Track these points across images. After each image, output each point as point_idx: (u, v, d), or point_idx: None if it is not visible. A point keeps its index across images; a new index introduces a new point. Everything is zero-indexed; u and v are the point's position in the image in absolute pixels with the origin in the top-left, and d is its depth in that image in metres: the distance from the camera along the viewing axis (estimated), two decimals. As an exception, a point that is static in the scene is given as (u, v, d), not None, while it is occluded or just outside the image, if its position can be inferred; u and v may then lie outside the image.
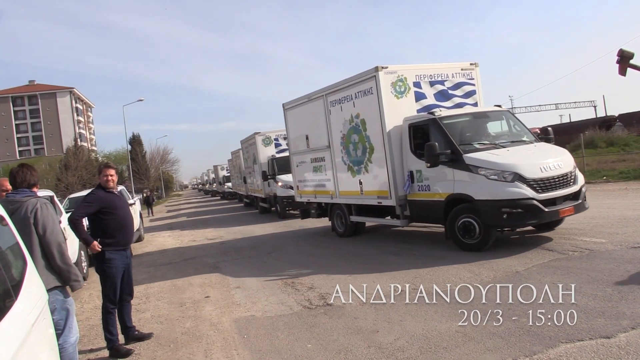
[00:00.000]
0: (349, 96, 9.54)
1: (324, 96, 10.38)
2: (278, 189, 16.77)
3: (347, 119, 9.67)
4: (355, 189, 9.72)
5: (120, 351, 4.87)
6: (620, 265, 5.59)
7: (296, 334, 4.82)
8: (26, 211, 3.67)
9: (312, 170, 11.35)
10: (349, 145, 9.74)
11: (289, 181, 15.45)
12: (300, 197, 12.30)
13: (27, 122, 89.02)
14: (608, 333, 3.81)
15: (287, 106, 12.20)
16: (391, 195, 8.71)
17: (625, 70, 11.82)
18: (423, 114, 8.42)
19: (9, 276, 2.52)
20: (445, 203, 7.70)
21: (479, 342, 4.00)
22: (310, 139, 11.27)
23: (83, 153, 51.00)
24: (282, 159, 17.09)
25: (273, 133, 18.73)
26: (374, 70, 8.64)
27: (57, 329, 3.66)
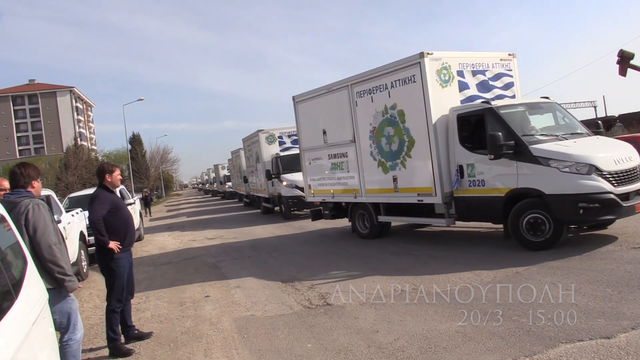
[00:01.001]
0: (383, 85, 8.80)
1: (349, 87, 9.61)
2: (283, 188, 16.13)
3: (379, 110, 8.94)
4: (387, 187, 9.01)
5: (121, 350, 4.88)
6: (621, 266, 5.59)
7: (296, 333, 4.82)
8: (19, 212, 3.65)
9: (330, 167, 10.56)
10: (381, 139, 8.99)
11: (295, 180, 15.15)
12: (312, 197, 11.49)
13: (27, 121, 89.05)
14: (608, 333, 3.81)
15: (299, 99, 11.43)
16: (436, 192, 8.03)
17: (625, 71, 11.85)
18: (476, 104, 7.92)
19: (9, 275, 2.52)
20: (506, 199, 7.10)
21: (479, 342, 4.00)
22: (329, 134, 10.50)
23: (83, 152, 51.02)
24: (286, 157, 16.71)
25: (277, 131, 18.19)
26: (419, 57, 7.96)
27: (61, 327, 3.70)
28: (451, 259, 7.09)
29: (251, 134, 20.16)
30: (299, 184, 14.65)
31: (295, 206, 15.83)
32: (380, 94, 8.96)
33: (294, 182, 15.35)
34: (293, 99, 11.61)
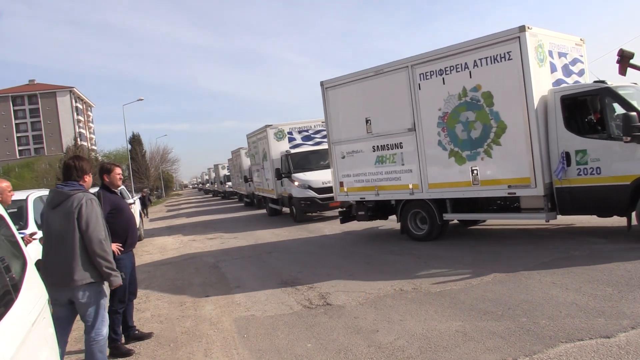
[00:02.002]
0: (461, 65, 7.84)
1: (409, 67, 8.57)
2: (294, 189, 14.78)
3: (454, 93, 7.96)
4: (461, 179, 8.04)
5: (121, 350, 4.87)
6: (621, 265, 5.59)
7: (296, 333, 4.82)
8: (71, 205, 3.73)
9: (376, 160, 9.41)
10: (456, 126, 7.99)
11: (308, 180, 14.40)
12: (345, 196, 10.22)
13: (27, 122, 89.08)
14: (608, 333, 3.81)
15: (330, 85, 10.18)
16: (535, 183, 7.17)
17: (625, 70, 11.82)
18: (586, 84, 7.43)
19: (9, 276, 2.52)
20: (634, 188, 6.46)
21: (479, 341, 4.00)
22: (375, 123, 9.34)
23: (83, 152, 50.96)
24: (298, 155, 15.63)
25: (286, 126, 16.77)
26: (518, 31, 7.15)
27: (87, 322, 3.83)
28: (451, 259, 7.09)
29: (257, 130, 18.56)
30: (312, 184, 14.22)
31: (308, 209, 14.69)
32: (456, 75, 7.97)
33: (306, 182, 14.41)
34: (322, 85, 10.33)
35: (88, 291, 3.78)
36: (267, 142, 16.89)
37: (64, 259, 3.72)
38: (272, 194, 17.43)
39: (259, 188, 20.33)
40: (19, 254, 2.89)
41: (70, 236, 3.71)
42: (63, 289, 3.75)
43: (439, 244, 8.45)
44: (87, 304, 3.79)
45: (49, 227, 3.87)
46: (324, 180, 13.82)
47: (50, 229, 3.86)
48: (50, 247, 3.85)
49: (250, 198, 24.63)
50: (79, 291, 3.75)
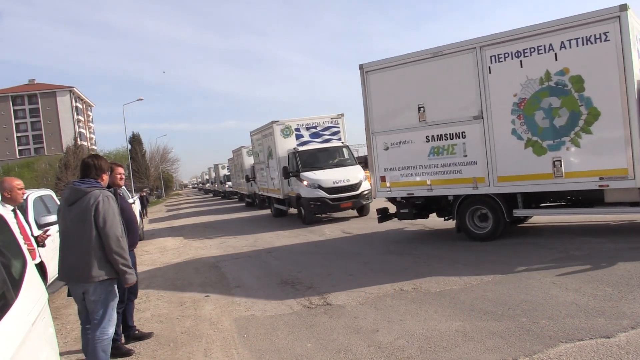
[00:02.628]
0: (545, 46, 7.22)
1: (477, 49, 7.84)
2: (303, 188, 13.95)
3: (534, 77, 7.32)
4: (541, 171, 7.37)
5: (121, 350, 4.87)
6: (621, 265, 5.59)
7: (296, 333, 4.82)
8: (88, 202, 3.78)
9: (429, 152, 8.56)
10: (535, 113, 7.35)
11: (317, 179, 13.68)
12: (388, 192, 9.25)
13: (27, 121, 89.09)
14: (608, 333, 3.81)
15: (372, 68, 9.21)
16: (634, 174, 6.64)
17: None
18: None
19: (9, 275, 2.52)
20: None
21: (479, 341, 4.00)
22: (430, 110, 8.50)
23: (83, 152, 51.01)
24: (306, 153, 14.82)
25: (294, 122, 15.84)
26: (618, 10, 6.59)
27: (95, 319, 3.86)
28: (451, 259, 7.09)
29: (263, 126, 17.55)
30: (322, 183, 13.55)
31: (318, 210, 13.86)
32: (537, 57, 7.31)
33: (316, 182, 13.61)
34: (361, 69, 9.32)
35: (99, 289, 3.82)
36: (274, 139, 15.90)
37: (80, 255, 3.78)
38: (277, 194, 16.52)
39: (263, 188, 19.37)
40: (19, 254, 2.89)
41: (87, 233, 3.76)
42: (79, 284, 3.84)
43: (438, 244, 8.44)
44: (97, 301, 3.84)
45: (65, 223, 3.93)
46: (335, 179, 13.53)
47: (67, 226, 3.91)
48: (66, 243, 3.91)
49: (252, 198, 24.21)
50: (90, 287, 3.82)
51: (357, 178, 13.72)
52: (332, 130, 15.96)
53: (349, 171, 14.12)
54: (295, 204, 14.94)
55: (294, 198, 14.84)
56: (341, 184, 13.46)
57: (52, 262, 6.70)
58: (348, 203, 13.55)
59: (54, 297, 7.57)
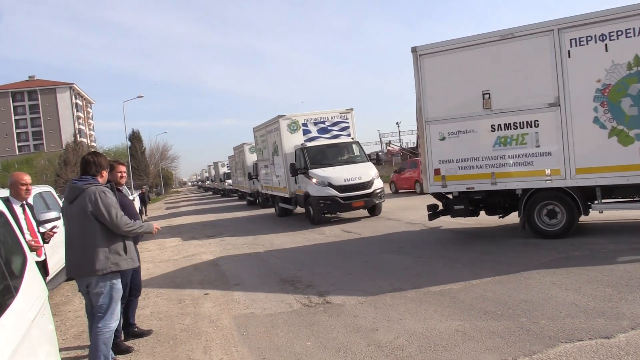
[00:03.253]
0: (634, 29, 6.82)
1: (555, 31, 7.34)
2: (311, 186, 13.13)
3: (620, 62, 6.91)
4: (627, 162, 6.93)
5: (121, 347, 4.86)
6: (620, 266, 5.59)
7: (295, 331, 4.82)
8: (85, 199, 3.91)
9: (495, 142, 7.93)
10: (622, 100, 6.92)
11: (327, 177, 12.86)
12: (442, 187, 8.55)
13: (27, 118, 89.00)
14: (608, 333, 3.81)
15: (427, 51, 8.53)
16: None
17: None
18: None
19: (9, 272, 2.51)
20: None
21: (479, 341, 4.00)
22: (496, 97, 7.89)
23: (82, 149, 50.97)
24: (315, 149, 14.01)
25: (301, 117, 15.00)
26: None
27: (99, 312, 3.99)
28: (451, 258, 7.09)
29: (267, 121, 16.63)
30: (332, 181, 12.76)
31: (328, 209, 13.09)
32: (625, 41, 6.89)
33: (326, 179, 12.81)
34: (414, 52, 8.64)
35: (102, 282, 3.96)
36: (279, 135, 15.00)
37: (83, 250, 3.93)
38: (283, 192, 15.69)
39: (267, 186, 18.38)
40: (20, 251, 2.88)
41: (89, 228, 3.91)
42: (84, 278, 3.99)
43: (438, 244, 8.45)
44: (100, 294, 3.96)
45: (68, 220, 4.06)
46: (347, 176, 12.81)
47: (70, 223, 4.05)
48: (71, 239, 4.04)
49: (254, 196, 23.64)
50: (93, 280, 3.96)
51: (369, 175, 13.03)
52: (341, 125, 15.14)
53: (361, 168, 13.36)
54: (303, 203, 14.06)
55: (302, 197, 14.05)
56: (353, 182, 12.73)
57: (52, 259, 6.70)
58: (360, 202, 12.82)
59: (54, 294, 7.56)
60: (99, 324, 3.96)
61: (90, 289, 3.99)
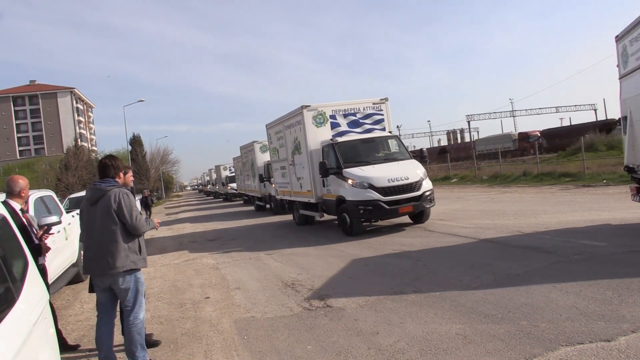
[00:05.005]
0: None
1: None
2: (347, 189, 10.77)
3: None
4: None
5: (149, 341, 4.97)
6: (621, 269, 5.59)
7: (296, 335, 4.82)
8: (109, 200, 4.16)
9: None
10: None
11: (367, 177, 10.57)
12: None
13: (28, 122, 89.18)
14: (608, 336, 3.81)
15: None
16: None
17: (626, 74, 11.80)
18: None
19: (11, 275, 2.52)
20: None
21: (479, 344, 4.00)
22: None
23: (83, 153, 51.00)
24: (348, 145, 11.69)
25: (328, 107, 12.57)
26: None
27: (127, 307, 4.24)
28: (451, 262, 7.09)
29: (286, 115, 14.15)
30: (374, 182, 10.45)
31: (369, 216, 10.63)
32: None
33: (365, 180, 10.53)
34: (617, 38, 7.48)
35: (127, 277, 4.20)
36: (303, 129, 12.48)
37: (107, 249, 4.13)
38: (307, 197, 13.08)
39: (283, 190, 15.53)
40: (21, 254, 2.89)
41: (112, 228, 4.14)
42: (105, 276, 4.17)
43: (438, 247, 8.44)
44: (127, 289, 4.21)
45: (89, 221, 4.25)
46: (390, 176, 10.55)
47: (91, 224, 4.24)
48: (92, 239, 4.25)
49: (264, 201, 21.57)
50: (119, 277, 4.17)
51: (416, 175, 10.85)
52: (374, 118, 12.75)
53: (406, 167, 11.16)
54: (335, 209, 11.59)
55: (332, 202, 11.60)
56: (398, 183, 10.48)
57: (51, 264, 6.70)
58: (408, 207, 10.55)
59: (54, 298, 7.56)
60: (130, 317, 4.21)
61: (116, 286, 4.19)
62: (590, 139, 25.72)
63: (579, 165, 19.46)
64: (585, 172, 18.28)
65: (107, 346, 4.22)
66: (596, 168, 18.90)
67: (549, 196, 14.59)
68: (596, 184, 16.16)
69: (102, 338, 4.22)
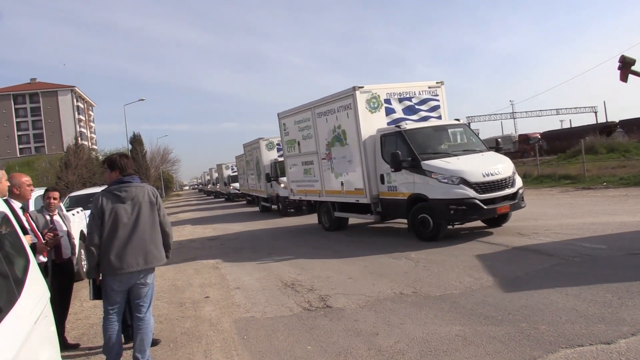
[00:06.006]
0: None
1: None
2: (430, 185, 8.93)
3: None
4: None
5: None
6: (620, 272, 5.59)
7: (296, 335, 4.83)
8: (148, 194, 4.24)
9: None
10: None
11: (459, 170, 8.69)
12: None
13: (28, 120, 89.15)
14: (608, 339, 3.81)
15: None
16: None
17: (626, 77, 11.88)
18: None
19: (12, 273, 2.52)
20: None
21: (479, 346, 4.00)
22: None
23: (83, 152, 50.92)
24: (420, 133, 9.89)
25: (382, 90, 10.65)
26: None
27: (144, 303, 4.25)
28: (451, 263, 7.09)
29: (322, 99, 11.83)
30: (467, 176, 8.60)
31: (461, 217, 8.74)
32: None
33: (456, 174, 8.62)
34: None
35: (152, 273, 4.30)
36: (355, 114, 10.43)
37: (152, 242, 4.21)
38: (353, 197, 11.01)
39: (307, 190, 13.20)
40: (22, 252, 2.89)
41: (156, 221, 4.25)
42: (138, 272, 4.14)
43: (438, 249, 8.44)
44: (150, 285, 4.27)
45: (126, 217, 4.14)
46: (485, 170, 8.77)
47: (129, 219, 4.14)
48: (129, 236, 4.12)
49: (270, 202, 20.51)
50: (150, 273, 4.25)
51: (509, 169, 9.16)
52: (430, 104, 11.07)
53: (493, 159, 9.43)
54: (405, 210, 9.56)
55: (398, 201, 9.72)
56: (493, 178, 8.75)
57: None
58: (505, 206, 8.85)
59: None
60: (147, 313, 4.26)
61: (142, 282, 4.19)
62: (590, 141, 25.69)
63: (579, 168, 19.45)
64: (585, 175, 18.28)
65: (118, 346, 4.24)
66: (596, 171, 18.89)
67: (548, 198, 14.59)
68: (596, 186, 16.15)
69: (116, 339, 4.19)
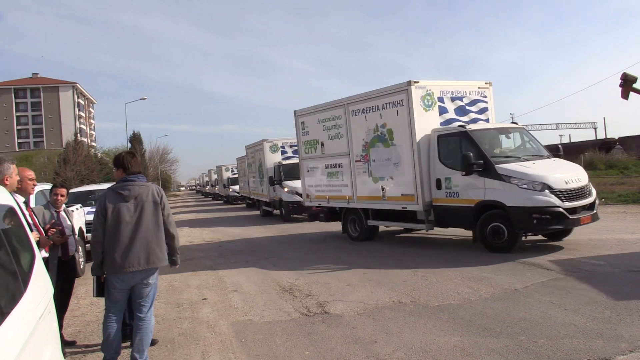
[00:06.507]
0: None
1: None
2: (507, 191, 8.14)
3: None
4: None
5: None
6: (619, 288, 5.61)
7: (294, 340, 4.82)
8: (153, 194, 4.25)
9: None
10: None
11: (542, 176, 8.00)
12: None
13: (28, 115, 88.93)
14: (606, 355, 3.83)
15: None
16: None
17: (627, 94, 11.92)
18: None
19: (19, 268, 2.53)
20: None
21: (478, 357, 4.01)
22: None
23: (82, 148, 50.84)
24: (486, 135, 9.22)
25: (436, 87, 9.86)
26: None
27: (146, 303, 4.25)
28: (450, 274, 7.10)
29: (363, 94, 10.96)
30: (551, 182, 7.94)
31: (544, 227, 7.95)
32: None
33: (540, 180, 7.97)
34: None
35: (156, 274, 4.29)
36: (409, 112, 9.52)
37: (156, 242, 4.20)
38: (399, 204, 10.09)
39: (331, 196, 12.02)
40: (29, 247, 2.90)
41: (160, 221, 4.24)
42: (146, 269, 4.13)
43: (438, 258, 8.45)
44: (153, 285, 4.28)
45: (126, 216, 4.12)
46: (566, 177, 8.18)
47: (134, 218, 4.14)
48: (132, 235, 4.11)
49: (273, 206, 19.58)
50: (153, 273, 4.23)
51: (585, 177, 8.78)
52: (479, 105, 10.37)
53: (569, 166, 9.05)
54: (471, 218, 8.68)
55: (462, 209, 8.84)
56: (575, 185, 8.17)
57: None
58: (587, 217, 8.17)
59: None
60: (148, 313, 4.25)
61: (146, 281, 4.19)
62: (589, 157, 25.84)
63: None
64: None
65: (117, 344, 4.24)
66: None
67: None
68: (594, 202, 16.19)
69: (115, 336, 4.19)
